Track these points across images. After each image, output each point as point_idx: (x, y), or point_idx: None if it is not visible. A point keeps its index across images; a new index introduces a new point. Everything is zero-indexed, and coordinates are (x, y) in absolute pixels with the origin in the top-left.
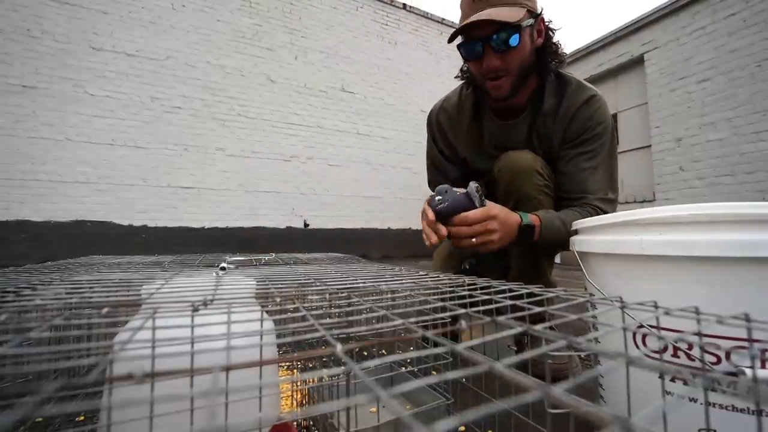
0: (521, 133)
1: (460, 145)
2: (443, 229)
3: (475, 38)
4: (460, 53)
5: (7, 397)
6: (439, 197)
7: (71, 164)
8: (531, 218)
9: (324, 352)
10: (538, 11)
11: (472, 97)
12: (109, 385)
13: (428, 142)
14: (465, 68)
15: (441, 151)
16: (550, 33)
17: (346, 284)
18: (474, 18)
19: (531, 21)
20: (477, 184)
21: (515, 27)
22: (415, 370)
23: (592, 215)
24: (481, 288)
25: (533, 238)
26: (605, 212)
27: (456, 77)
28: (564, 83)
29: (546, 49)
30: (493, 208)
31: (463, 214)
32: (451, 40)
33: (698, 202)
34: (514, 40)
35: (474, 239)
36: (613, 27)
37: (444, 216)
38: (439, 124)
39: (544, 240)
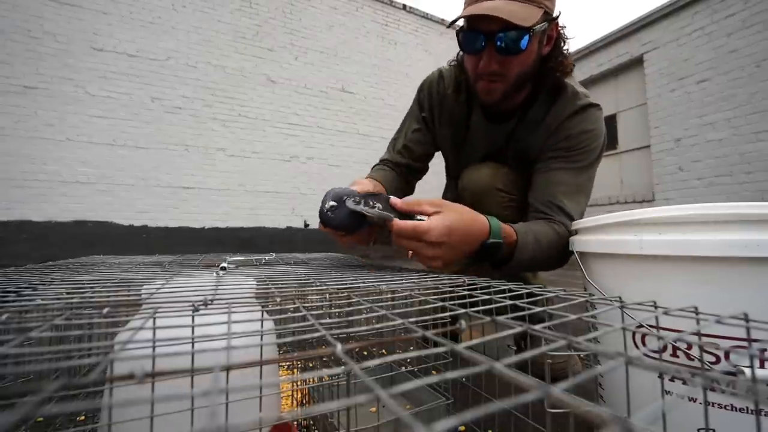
0: (501, 138)
1: (440, 133)
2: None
3: (478, 30)
4: (458, 41)
5: (8, 397)
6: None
7: (72, 164)
8: (506, 231)
9: (324, 352)
10: (555, 14)
11: (465, 93)
12: (109, 384)
13: (413, 102)
14: (460, 57)
15: (424, 117)
16: (561, 42)
17: (346, 284)
18: (483, 9)
19: (545, 25)
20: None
21: (526, 30)
22: (415, 370)
23: (558, 232)
24: (481, 288)
25: (500, 255)
26: (567, 229)
27: (449, 63)
28: (558, 90)
29: (551, 59)
30: (436, 227)
31: (397, 226)
32: (452, 23)
33: (698, 202)
34: (521, 45)
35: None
36: (613, 27)
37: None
38: (430, 95)
39: (517, 261)
